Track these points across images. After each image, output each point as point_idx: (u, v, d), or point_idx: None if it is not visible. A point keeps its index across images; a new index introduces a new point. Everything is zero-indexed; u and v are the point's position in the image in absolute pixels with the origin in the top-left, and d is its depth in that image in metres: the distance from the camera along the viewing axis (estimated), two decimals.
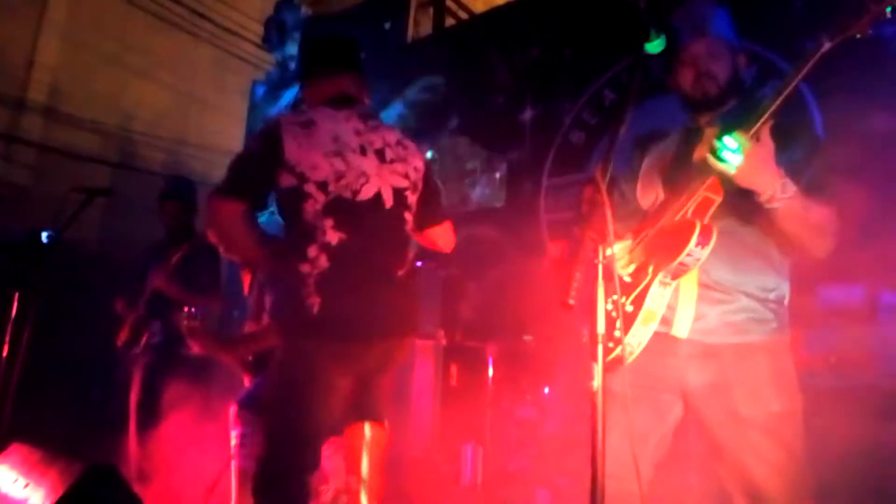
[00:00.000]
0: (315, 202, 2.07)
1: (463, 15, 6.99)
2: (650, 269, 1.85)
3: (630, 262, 1.92)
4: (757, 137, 1.63)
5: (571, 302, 1.48)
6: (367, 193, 2.15)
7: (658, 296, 1.83)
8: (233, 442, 3.02)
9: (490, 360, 3.93)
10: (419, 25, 6.64)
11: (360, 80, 2.37)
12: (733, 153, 1.63)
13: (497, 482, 3.73)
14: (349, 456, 2.30)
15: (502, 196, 5.27)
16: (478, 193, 5.46)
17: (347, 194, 2.11)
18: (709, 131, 1.94)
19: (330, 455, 3.58)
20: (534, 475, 3.64)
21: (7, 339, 3.27)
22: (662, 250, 1.82)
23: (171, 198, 4.03)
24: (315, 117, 2.17)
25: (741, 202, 1.76)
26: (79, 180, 4.44)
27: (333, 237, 2.07)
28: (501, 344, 4.02)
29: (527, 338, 3.89)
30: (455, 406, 4.18)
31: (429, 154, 5.85)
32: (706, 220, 1.77)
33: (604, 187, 1.57)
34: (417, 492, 3.70)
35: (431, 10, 6.67)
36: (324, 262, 2.05)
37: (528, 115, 5.20)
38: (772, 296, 1.88)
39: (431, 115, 5.89)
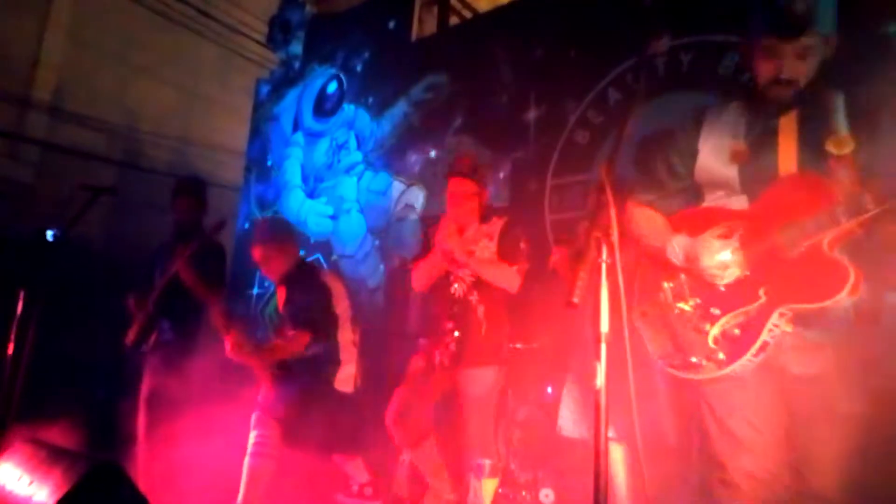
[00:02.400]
0: None
1: (467, 14, 6.99)
2: (762, 294, 1.70)
3: (732, 271, 1.75)
4: None
5: (576, 301, 1.48)
6: None
7: (775, 328, 1.68)
8: (250, 441, 3.12)
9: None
10: (424, 24, 6.64)
11: None
12: None
13: (500, 482, 3.72)
14: None
15: (506, 196, 5.26)
16: None
17: None
18: (784, 120, 1.77)
19: (348, 460, 3.64)
20: (538, 475, 3.64)
21: (12, 337, 3.28)
22: (789, 282, 1.65)
23: (183, 194, 4.08)
24: None
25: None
26: (83, 178, 4.45)
27: None
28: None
29: (517, 345, 3.88)
30: None
31: (432, 153, 5.85)
32: (837, 254, 1.60)
33: (609, 187, 1.56)
34: (420, 490, 3.70)
35: (436, 9, 6.67)
36: None
37: (532, 114, 5.19)
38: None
39: (435, 115, 5.89)
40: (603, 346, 1.49)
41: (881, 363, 1.95)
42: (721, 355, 1.71)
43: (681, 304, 1.83)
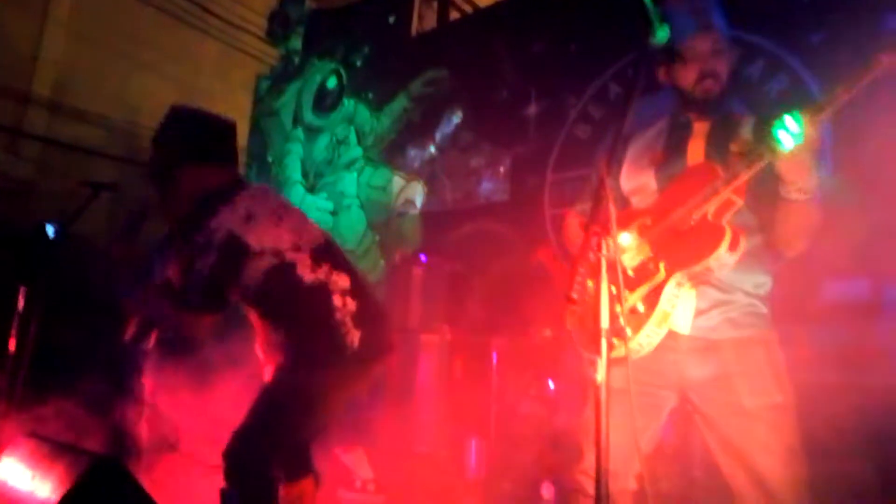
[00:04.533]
0: None
1: (467, 9, 6.97)
2: (661, 267, 1.82)
3: (636, 255, 1.89)
4: (815, 125, 1.59)
5: (574, 296, 1.49)
6: None
7: (673, 296, 1.80)
8: None
9: (494, 355, 3.93)
10: (424, 19, 6.63)
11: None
12: (791, 135, 1.57)
13: (501, 476, 3.73)
14: None
15: (507, 190, 5.26)
16: (482, 188, 5.46)
17: None
18: (698, 125, 1.95)
19: (350, 452, 3.64)
20: (538, 469, 3.65)
21: (14, 332, 3.29)
22: (682, 252, 1.79)
23: None
24: None
25: (749, 192, 1.76)
26: (84, 175, 4.44)
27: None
28: (506, 338, 4.02)
29: (546, 332, 3.87)
30: (460, 400, 4.19)
31: (432, 148, 5.85)
32: (724, 221, 1.75)
33: (608, 181, 1.57)
34: (422, 485, 3.71)
35: (436, 4, 6.66)
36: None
37: (532, 109, 5.19)
38: (762, 291, 1.90)
39: (436, 110, 5.89)
40: (603, 342, 1.50)
41: (809, 360, 2.16)
42: (629, 332, 1.78)
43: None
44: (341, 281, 2.33)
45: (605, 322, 1.51)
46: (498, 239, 5.03)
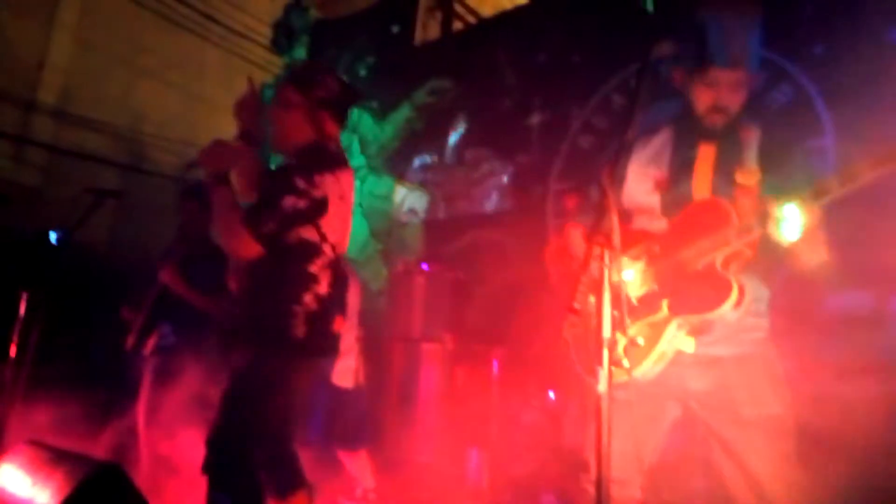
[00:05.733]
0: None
1: (471, 19, 7.00)
2: (664, 306, 1.82)
3: (641, 285, 1.89)
4: (814, 212, 1.62)
5: (577, 307, 1.49)
6: None
7: (672, 338, 1.80)
8: None
9: (496, 364, 3.93)
10: (427, 29, 6.65)
11: None
12: (792, 226, 1.62)
13: (502, 486, 3.72)
14: None
15: (509, 200, 5.26)
16: (485, 197, 5.46)
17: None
18: (704, 148, 1.94)
19: (354, 458, 3.62)
20: (539, 480, 3.63)
21: (16, 338, 3.29)
22: (686, 297, 1.78)
23: (189, 198, 4.07)
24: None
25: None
26: (88, 182, 4.46)
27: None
28: (507, 348, 4.02)
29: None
30: (461, 410, 4.18)
31: (435, 158, 5.86)
32: (731, 273, 1.74)
33: (611, 192, 1.57)
34: (422, 495, 3.70)
35: (440, 14, 6.68)
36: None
37: (535, 119, 5.20)
38: (762, 306, 1.91)
39: (439, 119, 5.90)
40: (605, 352, 1.50)
41: (810, 371, 2.21)
42: (626, 363, 1.77)
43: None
44: (321, 286, 2.38)
45: (606, 332, 1.51)
46: (500, 248, 5.03)
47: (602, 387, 1.48)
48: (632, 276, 1.88)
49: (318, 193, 2.32)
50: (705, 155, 1.94)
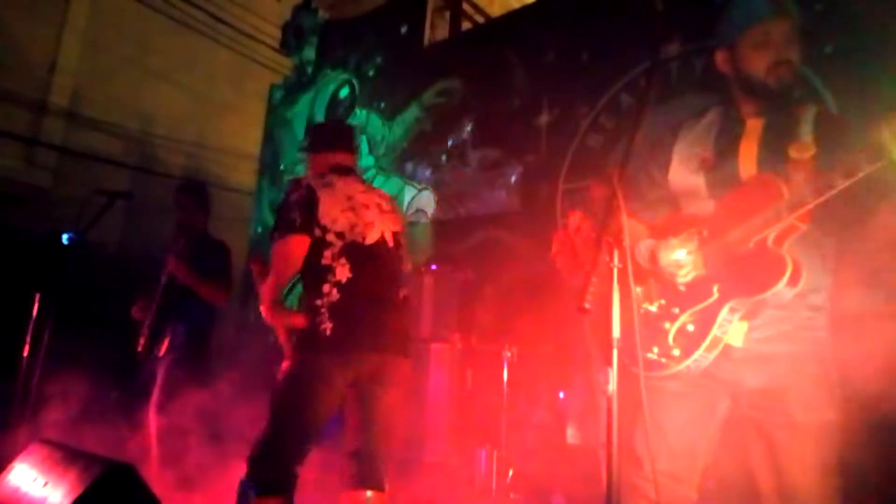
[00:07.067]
0: (333, 247, 2.52)
1: (479, 19, 7.00)
2: (715, 290, 1.75)
3: (690, 271, 1.82)
4: None
5: (587, 306, 1.48)
6: (373, 238, 2.63)
7: (726, 322, 1.73)
8: None
9: (506, 364, 3.92)
10: (436, 29, 6.65)
11: (353, 156, 2.90)
12: None
13: (512, 487, 3.72)
14: None
15: (518, 200, 5.26)
16: (494, 197, 5.46)
17: (359, 239, 2.58)
18: (751, 123, 1.86)
19: None
20: (549, 480, 3.63)
21: (28, 339, 3.31)
22: (738, 278, 1.70)
23: (183, 192, 4.20)
24: (332, 180, 2.64)
25: (842, 209, 1.63)
26: (99, 183, 4.49)
27: (343, 275, 2.50)
28: (517, 347, 4.01)
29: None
30: (470, 410, 4.18)
31: (443, 158, 5.86)
32: (784, 249, 1.65)
33: (620, 191, 1.56)
34: (432, 495, 3.70)
35: (448, 14, 6.68)
36: (335, 295, 2.48)
37: (544, 118, 5.19)
38: (819, 301, 1.79)
39: (447, 119, 5.90)
40: (615, 352, 1.49)
41: (860, 371, 2.03)
42: (676, 352, 1.75)
43: (646, 305, 1.90)
44: (341, 272, 2.50)
45: (616, 332, 1.51)
46: (509, 248, 5.03)
47: (612, 387, 1.48)
48: (682, 258, 1.80)
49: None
50: (752, 131, 1.85)
